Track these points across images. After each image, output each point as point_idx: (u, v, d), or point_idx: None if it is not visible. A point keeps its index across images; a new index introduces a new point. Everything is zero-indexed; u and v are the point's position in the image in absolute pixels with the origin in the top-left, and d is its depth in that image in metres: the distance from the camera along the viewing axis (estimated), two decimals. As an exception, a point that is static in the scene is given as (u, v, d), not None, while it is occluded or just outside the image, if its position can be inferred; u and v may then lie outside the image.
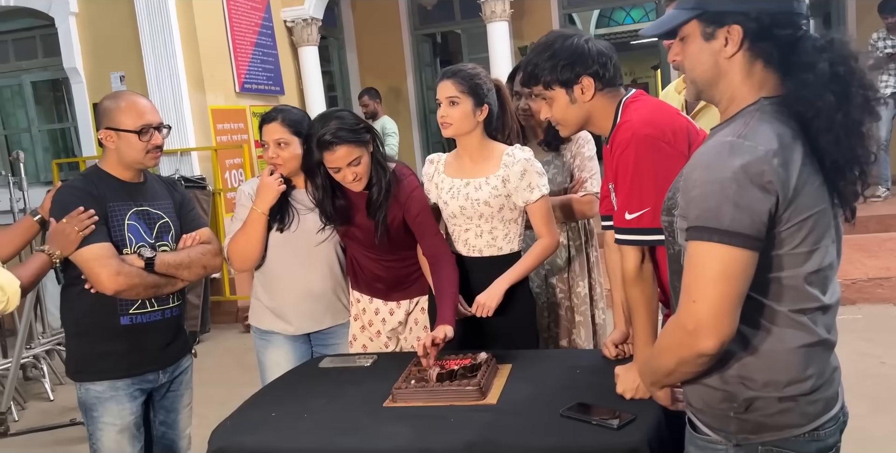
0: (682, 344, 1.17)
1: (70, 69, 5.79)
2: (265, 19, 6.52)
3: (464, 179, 2.17)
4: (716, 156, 1.14)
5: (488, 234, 2.16)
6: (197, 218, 2.27)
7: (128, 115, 2.04)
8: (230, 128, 5.91)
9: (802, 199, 1.14)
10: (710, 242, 1.12)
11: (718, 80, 1.23)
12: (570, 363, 1.95)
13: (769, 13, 1.17)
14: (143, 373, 2.12)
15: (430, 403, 1.74)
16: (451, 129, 2.11)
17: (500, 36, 6.64)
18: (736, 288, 1.13)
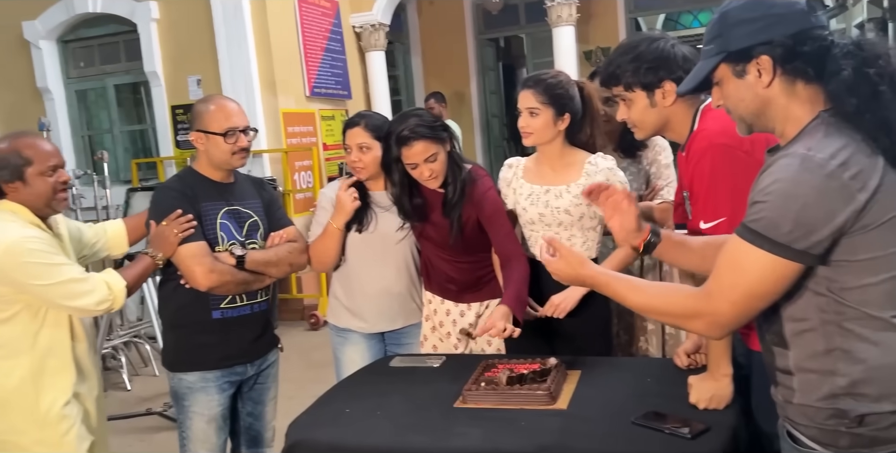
0: (684, 317, 1.25)
1: (150, 73, 6.04)
2: (335, 25, 6.67)
3: (544, 186, 2.17)
4: (786, 168, 1.14)
5: (566, 241, 2.15)
6: (284, 217, 2.35)
7: (215, 119, 2.13)
8: (300, 131, 6.07)
9: (885, 201, 1.12)
10: (760, 249, 1.14)
11: (765, 109, 1.24)
12: (641, 371, 1.95)
13: (789, 35, 1.19)
14: (233, 365, 2.21)
15: (500, 406, 1.77)
16: (532, 139, 2.13)
17: (566, 40, 6.63)
18: (769, 299, 1.17)
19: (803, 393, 1.22)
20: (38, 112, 6.25)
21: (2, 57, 6.46)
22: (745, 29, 1.22)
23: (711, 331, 1.24)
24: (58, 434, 1.96)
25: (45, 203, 1.94)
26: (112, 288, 1.97)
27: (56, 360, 1.96)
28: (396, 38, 8.02)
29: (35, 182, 1.90)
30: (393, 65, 8.08)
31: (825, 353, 1.19)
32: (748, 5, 1.24)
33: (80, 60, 6.59)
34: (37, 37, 6.33)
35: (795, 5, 1.21)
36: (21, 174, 1.89)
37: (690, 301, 1.25)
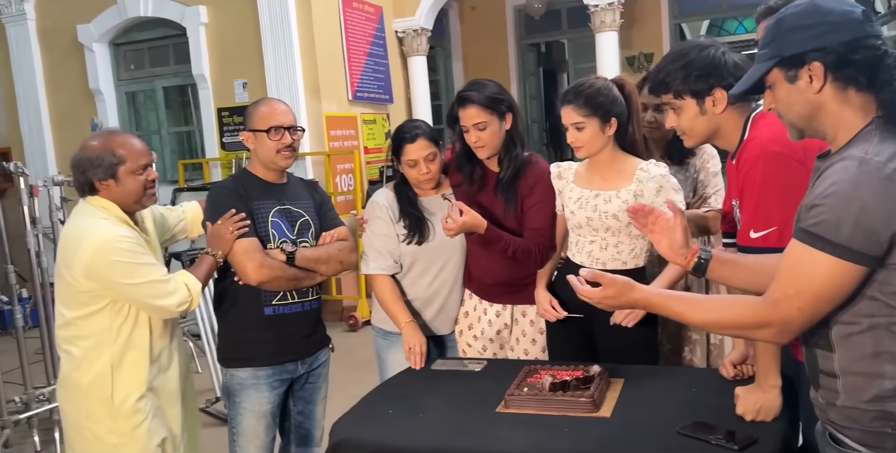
0: (752, 327, 1.24)
1: (198, 76, 6.17)
2: (378, 29, 6.74)
3: (593, 191, 2.16)
4: (843, 171, 1.16)
5: (613, 248, 2.14)
6: (335, 217, 2.38)
7: (261, 117, 2.18)
8: (342, 135, 6.14)
9: None
10: (822, 252, 1.15)
11: (816, 114, 1.26)
12: (686, 381, 1.94)
13: (843, 43, 1.20)
14: (284, 363, 2.24)
15: (543, 412, 1.78)
16: (584, 151, 2.13)
17: (609, 46, 6.61)
18: (835, 301, 1.17)
19: (849, 395, 1.22)
20: (90, 113, 6.43)
21: (58, 59, 6.67)
22: (799, 35, 1.24)
23: (781, 338, 1.25)
24: (130, 425, 2.00)
25: (134, 200, 1.99)
26: (191, 289, 2.03)
27: (134, 354, 2.01)
28: (438, 43, 8.06)
29: (127, 180, 1.95)
30: (434, 69, 8.13)
31: (873, 356, 1.20)
32: (804, 12, 1.25)
33: (130, 63, 6.77)
34: (90, 40, 6.52)
35: (851, 14, 1.22)
36: (114, 172, 1.93)
37: (757, 311, 1.25)
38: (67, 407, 2.07)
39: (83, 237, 1.91)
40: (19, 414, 3.58)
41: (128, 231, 1.97)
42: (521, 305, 2.38)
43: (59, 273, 1.96)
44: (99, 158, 1.93)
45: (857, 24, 1.22)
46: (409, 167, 2.31)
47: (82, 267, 1.90)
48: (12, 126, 6.87)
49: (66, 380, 2.05)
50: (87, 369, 1.99)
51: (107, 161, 1.93)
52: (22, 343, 3.64)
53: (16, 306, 3.62)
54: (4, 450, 3.40)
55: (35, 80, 6.68)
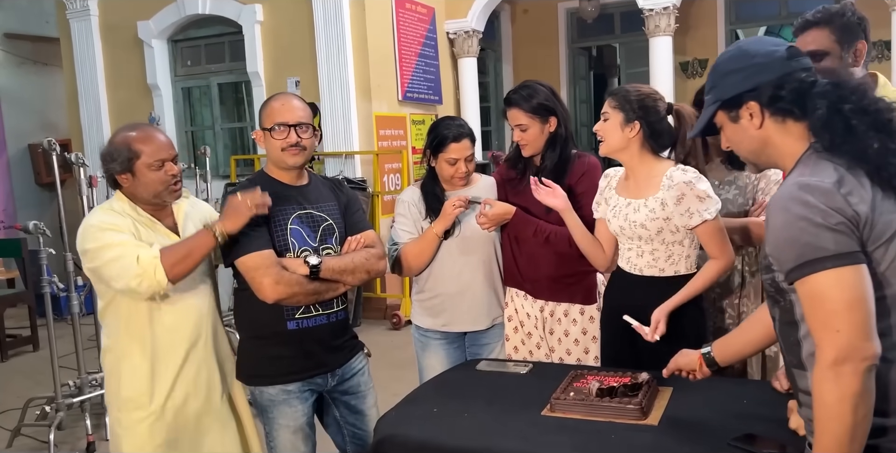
0: (842, 378, 1.16)
1: (252, 73, 6.28)
2: (430, 31, 6.77)
3: (626, 199, 2.16)
4: (788, 197, 1.22)
5: (649, 255, 2.13)
6: (362, 220, 2.23)
7: (267, 114, 2.07)
8: (391, 135, 6.19)
9: (883, 216, 1.20)
10: (825, 272, 1.18)
11: (764, 148, 1.36)
12: (737, 392, 1.90)
13: (771, 81, 1.31)
14: (312, 377, 2.10)
15: (589, 417, 1.77)
16: (604, 145, 2.16)
17: (663, 51, 6.51)
18: (868, 303, 1.17)
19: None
20: (147, 107, 6.60)
21: (118, 55, 6.86)
22: (732, 79, 1.36)
23: (860, 364, 1.16)
24: (132, 420, 2.02)
25: (153, 194, 1.98)
26: (140, 261, 1.86)
27: (136, 355, 2.01)
28: (489, 45, 8.06)
29: (144, 174, 1.94)
30: (484, 72, 8.13)
31: None
32: (733, 57, 1.38)
33: (187, 59, 6.92)
34: (150, 36, 6.69)
35: (775, 53, 1.33)
36: (131, 166, 1.93)
37: (821, 372, 1.19)
38: None
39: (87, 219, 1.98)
40: (73, 397, 3.69)
41: (113, 216, 1.97)
42: (563, 304, 2.40)
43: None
44: (117, 152, 1.93)
45: (782, 61, 1.32)
46: (447, 164, 2.36)
47: (81, 254, 1.96)
48: (73, 119, 7.09)
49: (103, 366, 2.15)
50: (105, 359, 2.09)
51: (123, 155, 1.92)
52: (77, 329, 3.75)
53: (72, 293, 3.73)
54: (58, 433, 3.51)
55: (96, 75, 6.87)
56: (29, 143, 7.54)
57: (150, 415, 2.02)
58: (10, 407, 4.00)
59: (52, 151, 3.60)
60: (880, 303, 1.20)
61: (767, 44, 1.36)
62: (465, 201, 2.33)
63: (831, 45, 1.95)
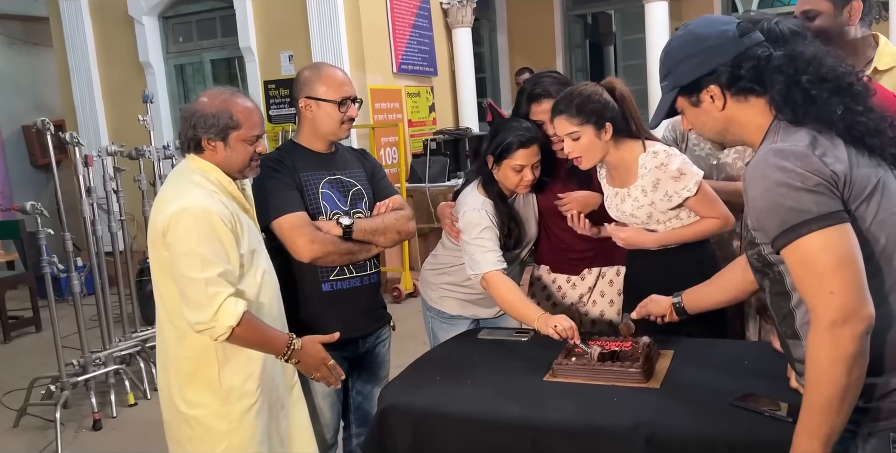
0: (839, 341, 1.15)
1: (245, 48, 6.21)
2: (423, 1, 6.68)
3: (614, 189, 2.15)
4: (764, 164, 1.22)
5: None
6: (388, 186, 2.28)
7: (329, 86, 2.06)
8: (387, 108, 6.14)
9: (861, 172, 1.20)
10: (810, 234, 1.17)
11: (729, 127, 1.36)
12: (737, 353, 1.91)
13: (727, 62, 1.29)
14: (346, 342, 2.07)
15: (591, 381, 1.78)
16: (586, 162, 2.06)
17: (659, 17, 6.43)
18: (858, 262, 1.17)
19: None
20: (140, 85, 6.53)
21: (109, 32, 6.77)
22: (687, 64, 1.34)
23: (863, 319, 1.15)
24: (240, 410, 1.84)
25: (238, 169, 1.85)
26: (220, 312, 1.70)
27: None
28: (483, 14, 7.95)
29: (237, 146, 1.81)
30: (478, 42, 8.04)
31: None
32: (685, 42, 1.35)
33: (179, 36, 6.83)
34: (140, 13, 6.59)
35: (726, 33, 1.30)
36: (226, 135, 1.80)
37: (816, 333, 1.18)
38: (168, 392, 1.90)
39: (168, 202, 1.76)
40: (77, 376, 3.72)
41: (221, 206, 1.77)
42: (599, 267, 2.33)
43: (152, 241, 1.81)
44: (214, 117, 1.78)
45: (735, 40, 1.30)
46: (513, 172, 2.17)
47: (161, 234, 1.75)
48: (66, 99, 7.02)
49: (168, 360, 1.88)
50: (189, 351, 1.82)
51: (222, 122, 1.78)
52: (79, 309, 3.76)
53: (72, 273, 3.73)
54: (64, 411, 3.54)
55: (87, 53, 6.78)
56: (23, 125, 7.48)
57: (256, 401, 1.86)
58: (16, 388, 4.04)
59: (45, 132, 3.57)
60: (869, 261, 1.19)
61: (717, 24, 1.33)
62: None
63: (824, 3, 1.96)
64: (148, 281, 4.64)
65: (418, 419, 1.74)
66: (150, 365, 4.07)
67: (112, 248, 4.21)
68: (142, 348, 4.16)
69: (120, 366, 3.95)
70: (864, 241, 1.20)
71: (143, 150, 4.29)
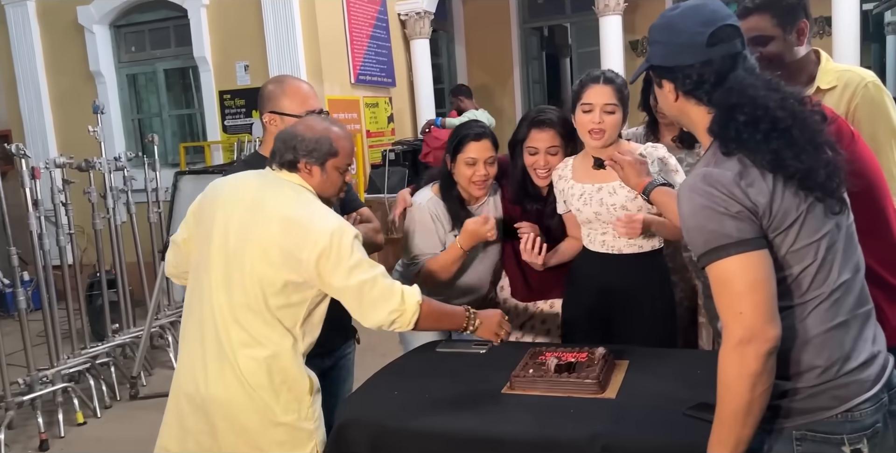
0: (744, 359, 1.22)
1: (199, 58, 6.13)
2: (380, 12, 6.69)
3: (595, 184, 2.14)
4: (693, 186, 1.27)
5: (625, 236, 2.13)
6: (356, 198, 2.27)
7: (293, 100, 2.06)
8: (345, 118, 6.11)
9: (783, 206, 1.25)
10: (728, 258, 1.23)
11: (681, 116, 1.41)
12: (690, 363, 1.94)
13: (687, 65, 1.31)
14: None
15: (549, 393, 1.78)
16: (605, 138, 2.08)
17: (613, 30, 6.56)
18: (770, 286, 1.23)
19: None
20: (91, 95, 6.38)
21: (57, 41, 6.61)
22: (657, 49, 1.37)
23: (767, 340, 1.22)
24: (317, 409, 1.83)
25: (331, 194, 1.89)
26: (406, 297, 1.75)
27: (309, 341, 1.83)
28: (441, 26, 8.01)
29: (331, 173, 1.85)
30: (437, 53, 8.08)
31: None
32: (662, 28, 1.37)
33: (131, 45, 6.71)
34: (91, 21, 6.46)
35: (699, 36, 1.30)
36: (324, 161, 1.83)
37: (725, 348, 1.25)
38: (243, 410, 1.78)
39: (312, 221, 1.73)
40: (22, 395, 3.60)
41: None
42: (550, 299, 2.41)
43: (265, 251, 1.74)
44: (317, 143, 1.82)
45: (702, 48, 1.30)
46: (466, 166, 2.25)
47: (317, 253, 1.69)
48: (12, 108, 6.83)
49: (251, 375, 1.77)
50: (283, 358, 1.78)
51: (323, 149, 1.82)
52: (25, 325, 3.64)
53: (18, 289, 3.62)
54: (8, 432, 3.41)
55: (35, 62, 6.62)
56: (-33, 135, 7.26)
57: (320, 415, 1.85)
58: (-42, 408, 3.88)
59: (-11, 142, 3.46)
60: (782, 284, 1.27)
61: (696, 22, 1.32)
62: (493, 225, 2.19)
63: (773, 29, 1.95)
64: (98, 295, 4.58)
65: (376, 434, 1.72)
66: (101, 383, 3.96)
67: (60, 262, 4.10)
68: (91, 365, 4.04)
69: (68, 384, 3.83)
70: (779, 267, 1.26)
71: (94, 162, 4.20)
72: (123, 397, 4.07)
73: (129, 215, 4.69)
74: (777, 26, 1.95)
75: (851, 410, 1.27)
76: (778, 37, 1.95)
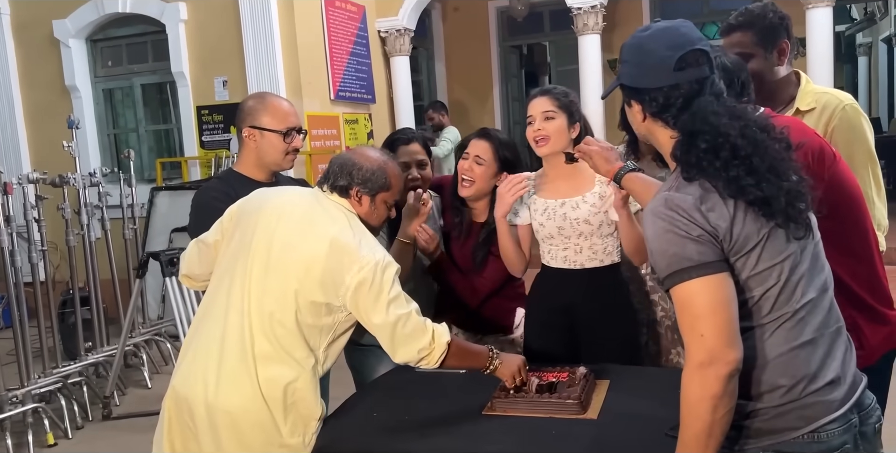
0: (705, 381, 1.23)
1: (177, 73, 6.08)
2: (361, 29, 6.70)
3: (559, 200, 2.17)
4: (655, 211, 1.29)
5: (588, 250, 2.16)
6: None
7: (274, 116, 2.09)
8: (324, 134, 6.10)
9: (743, 230, 1.26)
10: (690, 281, 1.24)
11: (648, 137, 1.43)
12: (671, 382, 1.89)
13: (654, 88, 1.33)
14: None
15: (530, 414, 1.77)
16: (548, 146, 2.12)
17: (591, 49, 6.63)
18: (731, 309, 1.24)
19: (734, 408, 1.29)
20: (66, 110, 6.31)
21: (32, 55, 6.54)
22: (627, 68, 1.39)
23: (728, 363, 1.23)
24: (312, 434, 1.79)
25: (376, 224, 1.91)
26: (436, 336, 1.75)
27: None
28: (421, 43, 8.04)
29: (380, 205, 1.89)
30: (417, 70, 8.11)
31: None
32: (634, 49, 1.38)
33: (108, 59, 6.66)
34: (67, 35, 6.40)
35: (667, 60, 1.31)
36: (376, 193, 1.87)
37: (687, 370, 1.27)
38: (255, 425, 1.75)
39: (358, 250, 1.72)
40: (-9, 416, 3.51)
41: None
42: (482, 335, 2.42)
43: (308, 268, 1.73)
44: (373, 174, 1.85)
45: (670, 72, 1.31)
46: None
47: (359, 280, 1.70)
48: (-15, 122, 6.73)
49: (268, 387, 1.75)
50: (302, 379, 1.77)
51: (379, 181, 1.86)
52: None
53: (-12, 306, 3.54)
54: (-25, 454, 3.32)
55: (9, 76, 6.53)
56: (-62, 149, 7.13)
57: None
58: (-77, 430, 3.77)
59: (-40, 157, 3.40)
60: (744, 306, 1.28)
61: (666, 45, 1.33)
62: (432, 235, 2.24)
63: (754, 47, 1.98)
64: (71, 312, 4.49)
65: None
66: (72, 403, 3.87)
67: (32, 279, 4.01)
68: (63, 384, 3.95)
69: (39, 405, 3.73)
70: (740, 290, 1.28)
71: (68, 178, 4.13)
72: (96, 417, 3.97)
73: (104, 231, 4.62)
74: (758, 44, 1.97)
75: (818, 431, 1.27)
76: (758, 55, 1.97)
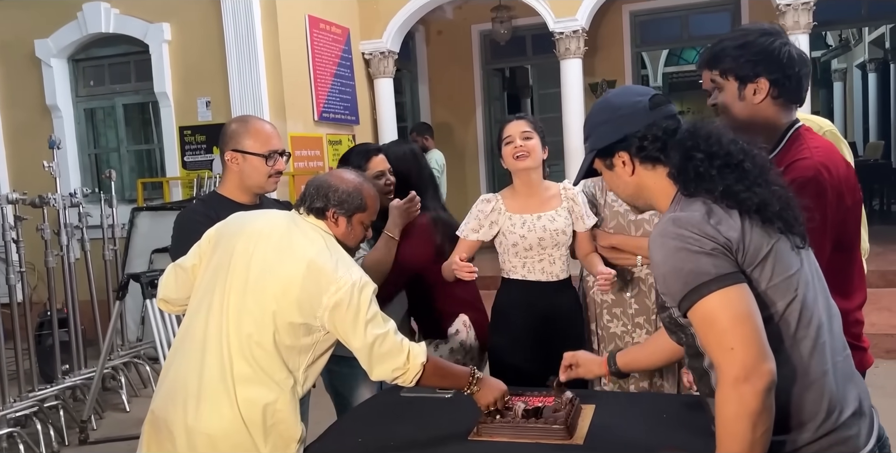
0: (742, 397, 1.19)
1: (160, 93, 6.08)
2: (345, 51, 6.74)
3: (534, 214, 2.38)
4: (663, 233, 1.30)
5: (559, 260, 2.41)
6: None
7: (256, 139, 2.10)
8: (307, 155, 6.10)
9: (754, 240, 1.27)
10: (710, 295, 1.23)
11: (640, 191, 1.44)
12: (657, 407, 1.94)
13: (637, 131, 1.39)
14: None
15: (516, 439, 1.76)
16: (529, 160, 2.35)
17: (573, 72, 6.71)
18: (756, 319, 1.22)
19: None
20: (47, 129, 6.28)
21: (13, 74, 6.51)
22: (603, 130, 1.43)
23: (764, 375, 1.19)
24: None
25: (352, 245, 1.92)
26: (412, 356, 1.76)
27: None
28: (404, 65, 8.10)
29: (355, 227, 1.90)
30: (400, 92, 8.15)
31: None
32: (601, 109, 1.47)
33: (90, 79, 6.64)
34: (48, 55, 6.38)
35: (638, 104, 1.41)
36: (352, 215, 1.88)
37: (722, 389, 1.23)
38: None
39: (335, 271, 1.73)
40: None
41: None
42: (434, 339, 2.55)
43: (285, 289, 1.74)
44: (349, 195, 1.86)
45: (646, 112, 1.39)
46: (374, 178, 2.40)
47: (336, 300, 1.71)
48: (-36, 141, 6.66)
49: (247, 409, 1.74)
50: (281, 401, 1.76)
51: (355, 202, 1.87)
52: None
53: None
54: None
55: (-11, 95, 6.50)
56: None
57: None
58: None
59: (-61, 177, 3.36)
60: (768, 323, 1.25)
61: (632, 95, 1.44)
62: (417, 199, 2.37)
63: (722, 81, 1.84)
64: (48, 334, 4.42)
65: (339, 485, 1.67)
66: (48, 427, 3.79)
67: (9, 300, 3.95)
68: (39, 408, 3.87)
69: (14, 429, 3.65)
70: (762, 304, 1.26)
71: (48, 198, 4.09)
72: (72, 442, 3.89)
73: (84, 252, 4.57)
74: (726, 79, 1.75)
75: None
76: (725, 89, 1.74)
